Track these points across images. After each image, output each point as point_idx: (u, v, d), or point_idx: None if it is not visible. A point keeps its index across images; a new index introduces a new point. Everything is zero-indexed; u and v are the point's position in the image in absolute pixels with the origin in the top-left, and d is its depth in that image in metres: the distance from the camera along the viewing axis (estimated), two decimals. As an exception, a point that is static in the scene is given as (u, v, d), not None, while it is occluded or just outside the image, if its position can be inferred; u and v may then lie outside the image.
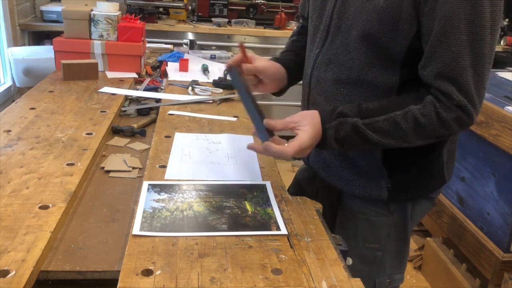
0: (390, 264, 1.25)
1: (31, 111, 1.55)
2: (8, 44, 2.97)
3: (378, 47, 1.04)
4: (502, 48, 3.99)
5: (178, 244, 0.91)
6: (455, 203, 2.37)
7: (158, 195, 1.08)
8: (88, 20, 2.06)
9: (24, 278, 0.78)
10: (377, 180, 1.16)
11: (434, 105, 0.99)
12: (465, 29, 0.94)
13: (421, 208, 1.25)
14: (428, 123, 1.00)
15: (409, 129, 1.01)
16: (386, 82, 1.07)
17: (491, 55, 0.98)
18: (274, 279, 0.83)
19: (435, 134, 1.02)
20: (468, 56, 0.96)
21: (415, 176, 1.17)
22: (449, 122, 1.00)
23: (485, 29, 0.95)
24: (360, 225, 1.21)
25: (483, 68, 0.97)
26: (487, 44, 0.96)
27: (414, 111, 1.00)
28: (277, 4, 3.82)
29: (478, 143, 2.18)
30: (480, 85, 0.98)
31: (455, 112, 0.99)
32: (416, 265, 2.58)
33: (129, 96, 1.80)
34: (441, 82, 0.98)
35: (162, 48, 2.66)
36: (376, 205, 1.19)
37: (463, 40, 0.95)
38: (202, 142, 1.40)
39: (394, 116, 1.01)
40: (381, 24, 1.01)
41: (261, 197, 1.11)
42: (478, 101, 0.99)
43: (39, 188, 1.08)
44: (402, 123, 1.01)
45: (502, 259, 1.99)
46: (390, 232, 1.22)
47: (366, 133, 1.02)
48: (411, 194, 1.19)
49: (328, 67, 1.14)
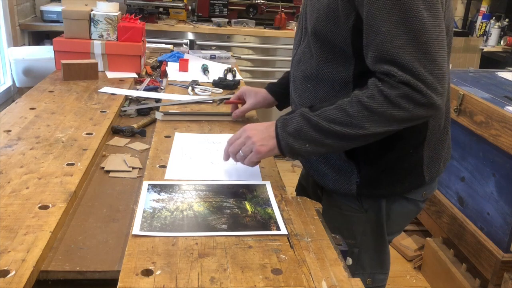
0: (369, 262, 1.25)
1: (31, 111, 1.55)
2: (8, 44, 2.97)
3: (328, 43, 1.08)
4: (502, 48, 3.99)
5: (178, 244, 0.91)
6: (455, 203, 2.37)
7: (158, 195, 1.08)
8: (88, 20, 2.06)
9: (24, 278, 0.78)
10: (347, 175, 1.17)
11: (376, 85, 0.99)
12: (391, 9, 0.93)
13: (401, 209, 1.23)
14: (375, 104, 0.98)
15: (357, 113, 1.00)
16: (341, 76, 1.10)
17: (437, 30, 0.95)
18: (274, 279, 0.83)
19: (389, 116, 0.98)
20: (403, 34, 0.94)
21: (386, 173, 1.15)
22: (397, 99, 0.96)
23: (416, 5, 0.93)
24: (336, 220, 1.21)
25: (428, 45, 0.94)
26: (425, 19, 0.93)
27: (358, 94, 1.01)
28: (277, 4, 3.81)
29: (478, 143, 2.18)
30: (430, 62, 0.95)
31: (400, 88, 0.96)
32: (416, 265, 2.58)
33: (129, 96, 1.80)
34: (381, 65, 0.98)
35: (162, 48, 2.66)
36: (349, 200, 1.21)
37: (393, 20, 0.94)
38: (202, 142, 1.40)
39: (341, 103, 1.02)
40: (326, 21, 1.06)
41: (261, 197, 1.11)
42: (431, 78, 0.95)
43: (39, 188, 1.08)
44: (348, 108, 1.00)
45: (502, 259, 1.99)
46: (365, 229, 1.22)
47: (319, 123, 1.02)
48: (383, 191, 1.18)
49: (298, 65, 1.21)
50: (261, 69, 3.76)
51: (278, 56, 3.75)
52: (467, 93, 2.23)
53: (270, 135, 1.09)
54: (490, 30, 4.09)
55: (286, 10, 3.81)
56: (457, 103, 2.26)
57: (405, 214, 1.27)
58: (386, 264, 1.30)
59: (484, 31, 4.19)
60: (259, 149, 1.09)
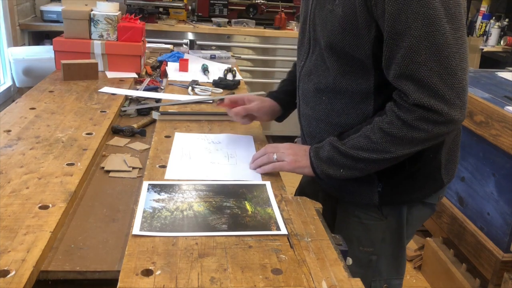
0: (386, 268, 1.25)
1: (31, 111, 1.55)
2: (8, 44, 2.97)
3: (345, 55, 1.06)
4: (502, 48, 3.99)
5: (178, 244, 0.91)
6: (455, 203, 2.37)
7: (158, 195, 1.08)
8: (88, 20, 2.06)
9: (24, 278, 0.78)
10: (367, 185, 1.16)
11: (393, 111, 1.01)
12: (414, 23, 0.93)
13: (419, 213, 1.23)
14: (395, 130, 1.01)
15: (380, 139, 1.03)
16: (362, 88, 1.09)
17: (459, 43, 0.94)
18: (274, 279, 0.83)
19: (411, 139, 1.01)
20: (424, 50, 0.93)
21: (407, 179, 1.15)
22: (414, 123, 0.98)
23: (439, 19, 0.92)
24: (355, 229, 1.21)
25: (450, 59, 0.94)
26: (448, 33, 0.93)
27: (378, 121, 1.03)
28: (277, 4, 3.82)
29: (478, 143, 2.18)
30: (450, 76, 0.95)
31: (415, 112, 0.97)
32: (416, 265, 2.58)
33: (129, 96, 1.80)
34: (400, 81, 0.98)
35: (162, 48, 2.66)
36: (369, 208, 1.19)
37: (415, 35, 0.93)
38: (202, 142, 1.40)
39: (365, 130, 1.05)
40: (343, 33, 1.03)
41: (261, 197, 1.11)
42: (450, 93, 0.95)
43: (39, 188, 1.08)
44: (371, 135, 1.03)
45: (502, 259, 1.99)
46: (384, 236, 1.21)
47: (348, 151, 1.06)
48: (404, 198, 1.17)
49: (309, 78, 1.18)
50: (261, 69, 3.76)
51: (278, 56, 3.75)
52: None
53: (304, 158, 1.14)
54: (490, 30, 4.09)
55: (286, 10, 3.81)
56: (457, 103, 2.25)
57: (422, 217, 1.27)
58: (402, 269, 1.29)
59: (484, 31, 4.19)
60: (291, 163, 1.16)
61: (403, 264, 1.29)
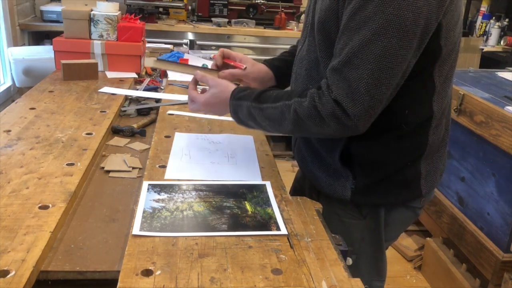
0: (366, 269, 1.24)
1: (31, 111, 1.55)
2: (8, 44, 2.97)
3: (331, 44, 1.06)
4: (502, 48, 3.99)
5: (178, 244, 0.91)
6: (455, 203, 2.37)
7: (158, 195, 1.08)
8: (88, 20, 2.06)
9: (24, 278, 0.78)
10: (342, 180, 1.15)
11: (313, 99, 1.02)
12: (364, 26, 0.93)
13: (400, 216, 1.22)
14: (307, 119, 1.02)
15: (289, 120, 1.05)
16: None
17: (397, 60, 0.94)
18: (274, 279, 0.83)
19: (315, 130, 1.03)
20: (362, 55, 0.94)
21: (383, 181, 1.13)
22: (327, 118, 0.99)
23: (387, 31, 0.92)
24: (335, 226, 1.20)
25: (381, 72, 0.94)
26: (390, 46, 0.92)
27: (296, 103, 1.04)
28: (277, 4, 3.81)
29: (478, 143, 2.17)
30: (374, 88, 0.95)
31: (332, 106, 0.98)
32: (416, 265, 2.58)
33: (129, 96, 1.80)
34: (333, 74, 0.99)
35: (162, 48, 2.66)
36: (346, 205, 1.19)
37: (360, 38, 0.94)
38: (202, 142, 1.40)
39: (282, 106, 1.07)
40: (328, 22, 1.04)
41: (261, 197, 1.11)
42: (368, 103, 0.96)
43: (39, 188, 1.08)
44: (286, 114, 1.05)
45: (502, 259, 1.99)
46: (364, 236, 1.21)
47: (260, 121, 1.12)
48: (379, 200, 1.16)
49: (302, 63, 1.19)
50: (261, 69, 3.75)
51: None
52: (467, 93, 2.23)
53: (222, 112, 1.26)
54: (490, 30, 4.09)
55: (286, 10, 3.81)
56: (457, 103, 2.26)
57: (403, 220, 1.26)
58: (383, 271, 1.29)
59: (484, 31, 4.19)
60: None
61: (384, 266, 1.28)
